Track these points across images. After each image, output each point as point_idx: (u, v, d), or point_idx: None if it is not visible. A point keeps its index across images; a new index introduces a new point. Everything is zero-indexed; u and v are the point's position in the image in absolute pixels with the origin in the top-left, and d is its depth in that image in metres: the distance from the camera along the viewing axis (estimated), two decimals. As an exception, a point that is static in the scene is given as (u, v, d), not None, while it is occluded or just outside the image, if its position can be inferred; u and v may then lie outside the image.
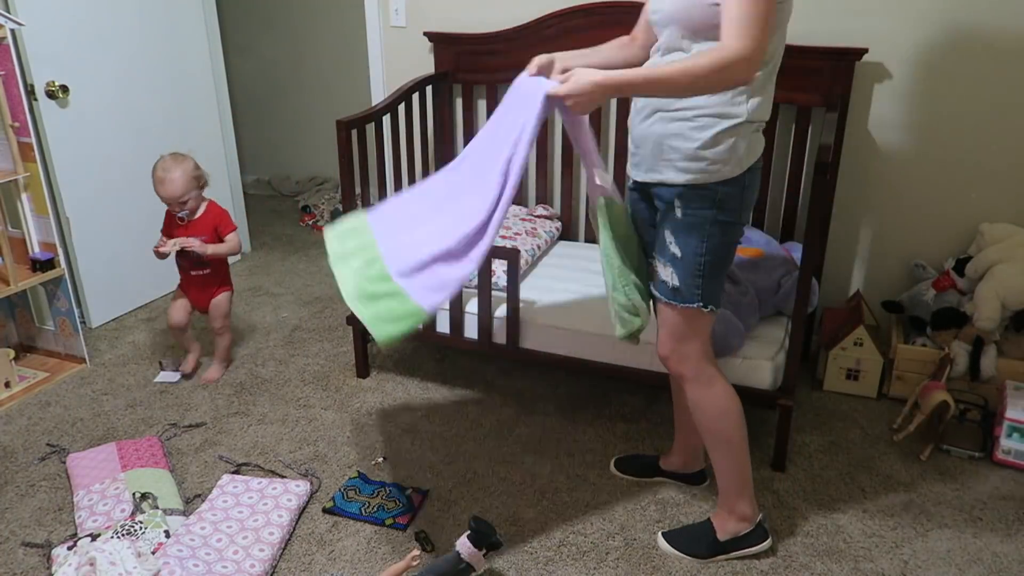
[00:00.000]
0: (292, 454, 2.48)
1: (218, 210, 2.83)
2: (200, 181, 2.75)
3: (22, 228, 2.85)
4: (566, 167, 3.07)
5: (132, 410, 2.73)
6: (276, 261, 4.05)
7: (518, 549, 2.09)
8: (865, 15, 2.60)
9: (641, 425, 2.60)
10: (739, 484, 2.01)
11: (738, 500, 2.03)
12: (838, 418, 2.66)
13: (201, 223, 2.79)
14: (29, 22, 2.78)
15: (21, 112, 2.67)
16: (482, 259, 1.80)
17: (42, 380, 2.90)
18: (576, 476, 2.38)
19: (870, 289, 2.92)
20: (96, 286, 3.29)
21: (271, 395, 2.82)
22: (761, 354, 2.31)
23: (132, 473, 2.30)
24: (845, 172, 2.78)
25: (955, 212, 2.74)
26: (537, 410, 2.71)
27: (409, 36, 3.21)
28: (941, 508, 2.24)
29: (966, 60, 2.57)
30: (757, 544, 2.05)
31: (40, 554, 2.08)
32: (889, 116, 2.71)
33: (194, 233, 2.76)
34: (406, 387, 2.86)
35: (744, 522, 2.04)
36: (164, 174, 2.67)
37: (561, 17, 2.88)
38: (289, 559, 2.07)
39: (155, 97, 3.41)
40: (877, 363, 2.71)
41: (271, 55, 4.88)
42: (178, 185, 2.67)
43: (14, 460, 2.47)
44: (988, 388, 2.58)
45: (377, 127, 2.77)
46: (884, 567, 2.03)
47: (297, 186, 5.01)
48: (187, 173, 2.69)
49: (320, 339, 3.22)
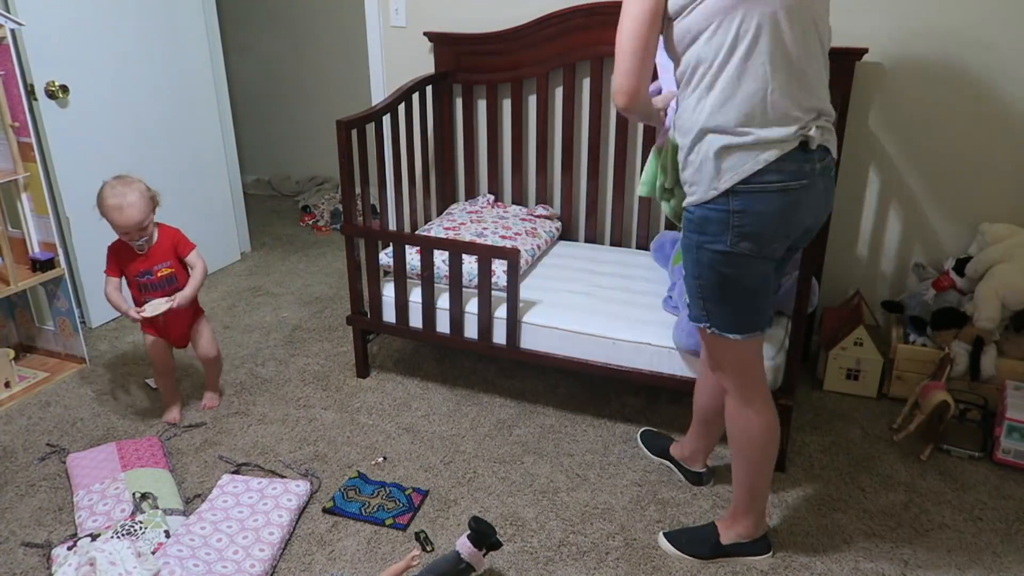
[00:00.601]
0: (292, 454, 2.48)
1: (171, 230, 2.54)
2: (155, 201, 2.46)
3: (22, 228, 2.85)
4: (566, 167, 3.07)
5: (132, 410, 2.73)
6: (276, 261, 4.05)
7: (518, 549, 2.09)
8: (865, 15, 2.60)
9: (641, 425, 2.60)
10: (748, 501, 2.01)
11: (744, 516, 2.03)
12: (838, 418, 2.66)
13: (160, 249, 2.49)
14: (29, 22, 2.78)
15: (21, 112, 2.67)
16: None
17: (42, 380, 2.90)
18: (576, 476, 2.38)
19: (870, 289, 2.92)
20: (96, 286, 3.27)
21: (271, 395, 2.82)
22: (761, 354, 2.31)
23: (132, 473, 2.30)
24: (845, 172, 2.78)
25: (955, 212, 2.74)
26: (537, 410, 2.71)
27: (409, 36, 3.21)
28: (941, 508, 2.24)
29: (966, 60, 2.57)
30: (757, 554, 2.06)
31: (40, 554, 2.08)
32: (889, 116, 2.71)
33: (156, 260, 2.48)
34: (406, 387, 2.86)
35: (746, 535, 2.05)
36: (120, 200, 2.36)
37: (561, 17, 2.88)
38: (289, 559, 2.07)
39: (155, 97, 3.41)
40: (877, 363, 2.71)
41: (271, 55, 4.88)
42: (138, 209, 2.37)
43: (14, 460, 2.47)
44: (988, 388, 2.58)
45: (377, 127, 2.77)
46: (884, 567, 2.03)
47: (297, 186, 5.01)
48: (143, 194, 2.40)
49: (320, 339, 3.22)
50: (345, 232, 2.67)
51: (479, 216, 2.99)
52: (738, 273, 1.73)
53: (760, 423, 1.91)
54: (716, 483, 2.33)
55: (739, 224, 1.66)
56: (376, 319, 2.78)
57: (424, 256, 2.58)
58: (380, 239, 2.71)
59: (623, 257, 2.92)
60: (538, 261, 2.90)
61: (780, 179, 1.64)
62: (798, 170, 1.65)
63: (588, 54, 2.88)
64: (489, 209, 3.08)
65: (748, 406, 1.90)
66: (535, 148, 3.14)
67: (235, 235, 4.00)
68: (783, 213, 1.67)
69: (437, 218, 3.07)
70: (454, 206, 3.18)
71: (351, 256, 2.71)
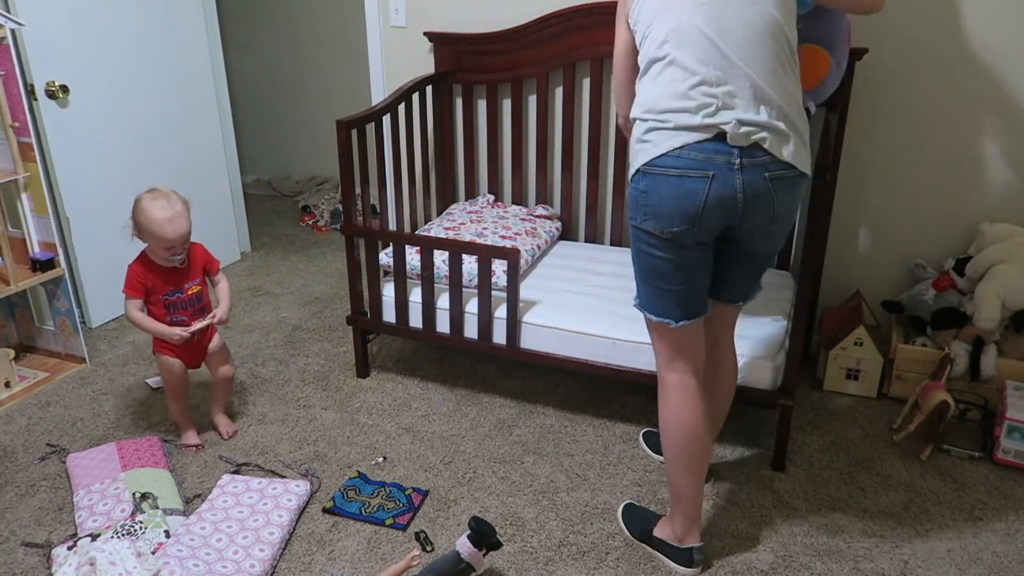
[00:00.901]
0: (292, 454, 2.48)
1: (198, 245, 2.44)
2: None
3: (22, 228, 2.85)
4: (566, 167, 3.07)
5: (132, 410, 2.73)
6: (276, 261, 4.05)
7: (518, 549, 2.09)
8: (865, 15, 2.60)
9: (641, 425, 2.60)
10: (673, 500, 1.99)
11: (673, 516, 2.00)
12: (838, 418, 2.66)
13: (194, 265, 2.41)
14: (29, 22, 2.78)
15: (21, 112, 2.67)
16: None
17: (42, 380, 2.90)
18: (576, 476, 2.38)
19: (870, 289, 2.93)
20: (96, 286, 3.29)
21: (271, 395, 2.82)
22: (761, 354, 2.31)
23: (132, 473, 2.30)
24: (845, 172, 2.78)
25: (955, 212, 2.75)
26: (537, 410, 2.71)
27: (409, 36, 3.21)
28: (941, 508, 2.24)
29: (966, 60, 2.57)
30: (676, 563, 2.01)
31: (40, 554, 2.08)
32: (889, 116, 2.71)
33: (190, 277, 2.39)
34: (406, 387, 2.86)
35: (672, 537, 2.01)
36: (171, 211, 2.24)
37: (561, 17, 2.88)
38: (289, 559, 2.07)
39: (155, 97, 3.41)
40: (877, 363, 2.71)
41: (271, 54, 4.89)
42: (186, 219, 2.27)
43: (14, 460, 2.47)
44: (988, 388, 2.58)
45: (377, 127, 2.77)
46: (884, 567, 2.03)
47: (297, 186, 5.01)
48: (185, 204, 2.30)
49: (320, 339, 3.22)
50: (345, 232, 2.67)
51: (479, 216, 2.99)
52: (652, 256, 1.82)
53: (672, 408, 1.92)
54: (716, 482, 2.33)
55: (651, 204, 1.75)
56: (376, 319, 2.78)
57: (424, 256, 2.58)
58: (380, 239, 2.71)
59: (623, 257, 2.92)
60: (538, 261, 2.90)
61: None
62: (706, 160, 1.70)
63: (588, 54, 2.88)
64: (489, 209, 3.08)
65: (662, 390, 1.94)
66: (535, 148, 3.14)
67: (235, 235, 4.00)
68: (676, 199, 1.72)
69: (437, 218, 3.07)
70: (454, 206, 3.18)
71: (351, 256, 2.71)
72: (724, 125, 1.66)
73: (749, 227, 1.78)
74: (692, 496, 1.95)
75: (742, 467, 2.41)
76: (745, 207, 1.72)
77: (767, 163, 1.70)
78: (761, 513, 2.22)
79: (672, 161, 1.70)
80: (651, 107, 1.73)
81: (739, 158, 1.68)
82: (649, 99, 1.74)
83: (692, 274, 1.83)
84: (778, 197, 1.73)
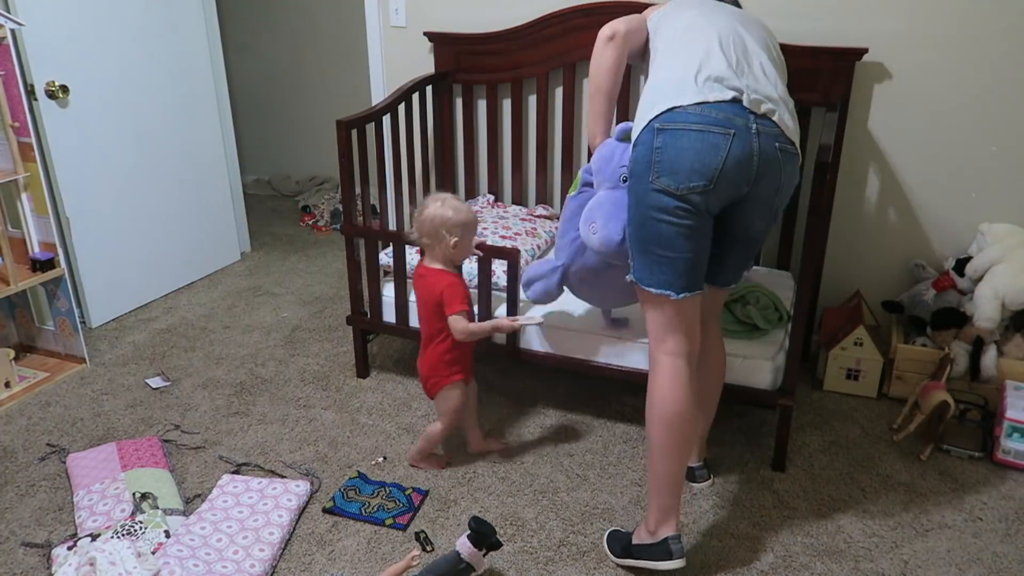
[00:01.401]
0: (292, 454, 2.48)
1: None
2: None
3: (22, 228, 2.85)
4: (566, 167, 3.07)
5: (132, 410, 2.73)
6: (276, 261, 4.05)
7: (518, 549, 2.09)
8: (865, 15, 2.60)
9: (641, 425, 2.59)
10: (651, 489, 1.93)
11: (648, 509, 1.95)
12: (838, 418, 2.66)
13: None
14: (29, 22, 2.78)
15: (21, 112, 2.67)
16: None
17: (42, 380, 2.90)
18: (576, 476, 2.38)
19: (870, 289, 2.93)
20: (96, 286, 3.29)
21: (271, 395, 2.82)
22: (761, 354, 2.31)
23: (132, 473, 2.30)
24: (845, 172, 2.78)
25: (955, 212, 2.74)
26: (537, 410, 2.71)
27: (409, 36, 3.21)
28: (941, 508, 2.24)
29: (966, 60, 2.57)
30: (658, 560, 1.91)
31: (40, 554, 2.08)
32: (889, 116, 2.71)
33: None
34: (406, 387, 2.86)
35: (645, 535, 1.96)
36: (468, 211, 2.21)
37: (561, 17, 2.88)
38: (289, 559, 2.07)
39: (155, 97, 3.41)
40: (877, 363, 2.71)
41: (271, 55, 4.89)
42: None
43: (14, 460, 2.47)
44: (988, 388, 2.58)
45: (377, 127, 2.77)
46: (884, 567, 2.03)
47: (297, 186, 5.01)
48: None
49: (320, 339, 3.22)
50: (345, 232, 2.67)
51: (479, 216, 2.98)
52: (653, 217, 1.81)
53: (655, 390, 1.91)
54: (716, 482, 2.33)
55: (660, 160, 1.77)
56: (376, 319, 2.78)
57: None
58: (380, 239, 2.71)
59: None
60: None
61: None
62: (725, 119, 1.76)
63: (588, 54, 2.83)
64: (489, 209, 3.08)
65: (652, 370, 1.93)
66: (535, 148, 3.14)
67: (235, 235, 4.00)
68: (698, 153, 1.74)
69: (437, 218, 3.06)
70: (454, 206, 3.17)
71: (351, 256, 2.71)
72: (741, 91, 1.77)
73: (756, 195, 1.82)
74: (670, 484, 1.90)
75: (742, 467, 2.41)
76: (758, 172, 1.78)
77: (777, 134, 1.80)
78: (761, 513, 2.22)
79: (694, 117, 1.75)
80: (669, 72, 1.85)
81: (755, 123, 1.76)
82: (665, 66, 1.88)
83: (699, 242, 1.83)
84: (784, 168, 1.83)
